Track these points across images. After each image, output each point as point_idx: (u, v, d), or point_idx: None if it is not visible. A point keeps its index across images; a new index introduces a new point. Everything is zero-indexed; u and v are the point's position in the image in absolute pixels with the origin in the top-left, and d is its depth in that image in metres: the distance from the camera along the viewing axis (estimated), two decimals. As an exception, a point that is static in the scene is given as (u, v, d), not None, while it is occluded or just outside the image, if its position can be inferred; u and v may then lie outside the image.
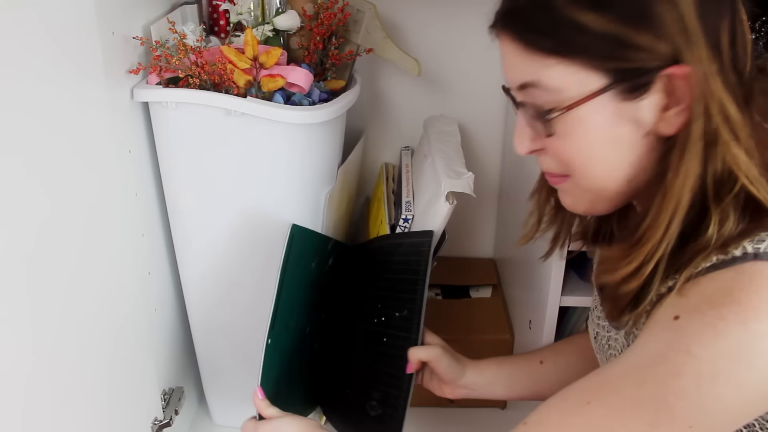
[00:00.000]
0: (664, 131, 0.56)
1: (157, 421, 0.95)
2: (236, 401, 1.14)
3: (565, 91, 0.56)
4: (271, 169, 0.92)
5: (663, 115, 0.55)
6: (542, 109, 0.58)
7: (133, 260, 0.90)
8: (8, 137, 0.58)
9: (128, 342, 0.87)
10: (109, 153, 0.81)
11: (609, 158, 0.58)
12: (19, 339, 0.61)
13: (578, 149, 0.58)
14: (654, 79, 0.54)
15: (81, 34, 0.73)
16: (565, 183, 0.63)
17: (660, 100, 0.55)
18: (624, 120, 0.56)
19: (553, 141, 0.59)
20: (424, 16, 1.21)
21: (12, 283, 0.59)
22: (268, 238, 0.97)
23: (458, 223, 0.92)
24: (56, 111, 0.67)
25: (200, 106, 0.87)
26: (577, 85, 0.55)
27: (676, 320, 0.54)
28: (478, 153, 1.32)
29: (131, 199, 0.89)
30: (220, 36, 1.09)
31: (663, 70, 0.53)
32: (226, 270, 1.00)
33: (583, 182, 0.60)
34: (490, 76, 1.25)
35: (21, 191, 0.61)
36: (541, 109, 0.58)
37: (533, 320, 1.04)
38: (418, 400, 1.20)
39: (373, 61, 1.17)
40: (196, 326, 1.07)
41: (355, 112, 0.98)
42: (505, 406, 1.21)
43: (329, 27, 0.99)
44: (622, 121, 0.56)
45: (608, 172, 0.59)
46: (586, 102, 0.55)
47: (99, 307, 0.78)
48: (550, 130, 0.58)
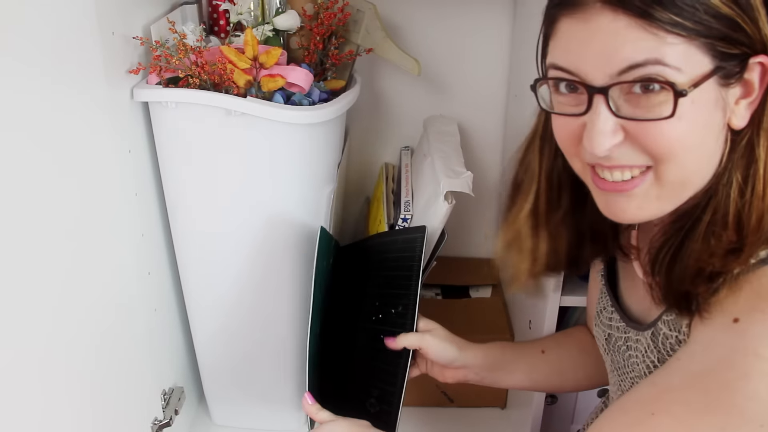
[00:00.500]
0: (735, 123, 0.56)
1: (157, 421, 0.95)
2: (236, 401, 1.14)
3: (684, 71, 0.53)
4: (270, 169, 0.92)
5: (735, 107, 0.56)
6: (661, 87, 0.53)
7: (133, 260, 0.90)
8: (8, 137, 0.58)
9: (128, 342, 0.87)
10: (109, 153, 0.81)
11: (705, 146, 0.57)
12: (18, 339, 0.61)
13: (685, 133, 0.55)
14: (746, 68, 0.54)
15: (81, 34, 0.73)
16: (642, 184, 0.58)
17: (739, 91, 0.56)
18: (718, 107, 0.55)
19: (647, 127, 0.55)
20: (424, 16, 1.21)
21: (12, 283, 0.59)
22: (268, 237, 0.97)
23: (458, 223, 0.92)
24: (56, 111, 0.67)
25: (200, 106, 0.87)
26: (693, 65, 0.53)
27: (737, 323, 0.54)
28: (478, 153, 1.32)
29: (131, 199, 0.89)
30: (220, 36, 1.09)
31: (754, 57, 0.54)
32: (226, 270, 1.00)
33: (673, 173, 0.57)
34: (490, 76, 1.25)
35: (21, 191, 0.61)
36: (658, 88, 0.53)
37: (533, 320, 1.04)
38: (418, 400, 1.21)
39: (373, 61, 1.17)
40: (196, 326, 1.07)
41: (355, 112, 0.98)
42: (505, 406, 1.21)
43: (329, 27, 0.99)
44: (717, 107, 0.55)
45: (701, 161, 0.57)
46: (702, 83, 0.53)
47: (99, 307, 0.78)
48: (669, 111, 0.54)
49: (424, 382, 1.19)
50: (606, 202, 0.62)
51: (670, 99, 0.53)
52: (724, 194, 0.57)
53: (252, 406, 1.15)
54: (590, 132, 0.57)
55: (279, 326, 1.05)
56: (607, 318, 0.77)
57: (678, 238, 0.60)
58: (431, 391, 1.20)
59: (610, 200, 0.61)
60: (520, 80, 1.17)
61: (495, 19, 1.21)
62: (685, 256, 0.59)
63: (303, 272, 1.03)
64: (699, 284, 0.58)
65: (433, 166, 1.02)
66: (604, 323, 0.77)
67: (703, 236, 0.58)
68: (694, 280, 0.58)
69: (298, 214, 0.97)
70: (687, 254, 0.59)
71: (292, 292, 1.03)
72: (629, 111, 0.55)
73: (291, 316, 1.05)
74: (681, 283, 0.59)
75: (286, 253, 0.99)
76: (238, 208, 0.95)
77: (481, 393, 1.20)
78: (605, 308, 0.77)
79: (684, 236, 0.60)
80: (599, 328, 0.79)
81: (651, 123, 0.55)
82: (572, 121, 0.59)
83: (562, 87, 0.59)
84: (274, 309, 1.04)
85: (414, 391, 1.20)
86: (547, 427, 1.07)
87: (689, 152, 0.56)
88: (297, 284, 1.03)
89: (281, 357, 1.09)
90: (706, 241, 0.58)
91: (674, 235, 0.60)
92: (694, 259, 0.58)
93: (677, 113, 0.53)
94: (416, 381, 1.18)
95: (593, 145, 0.56)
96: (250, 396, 1.14)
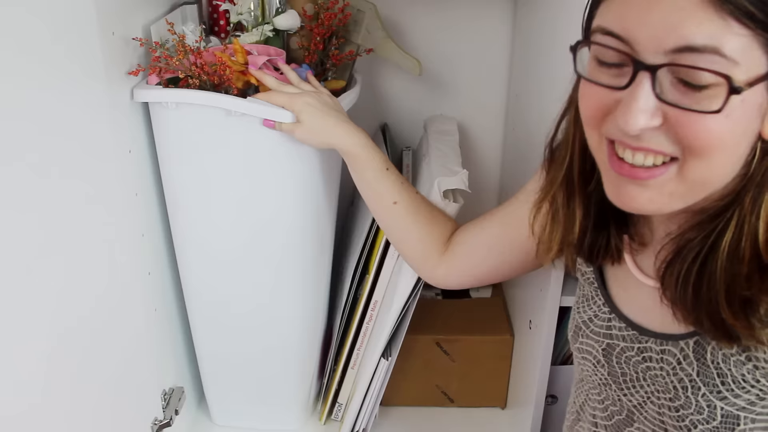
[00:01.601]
0: (767, 133, 0.53)
1: (157, 421, 0.96)
2: (236, 401, 1.14)
3: (742, 66, 0.49)
4: (270, 169, 0.92)
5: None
6: (713, 79, 0.50)
7: (133, 260, 0.90)
8: (9, 137, 0.58)
9: (128, 342, 0.87)
10: (109, 153, 0.81)
11: (738, 150, 0.53)
12: (18, 339, 0.61)
13: (727, 132, 0.51)
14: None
15: (81, 34, 0.73)
16: (660, 176, 0.55)
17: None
18: (760, 112, 0.52)
19: (691, 117, 0.51)
20: (425, 16, 1.21)
21: (12, 283, 0.59)
22: (268, 237, 0.97)
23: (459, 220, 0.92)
24: (56, 111, 0.68)
25: (200, 107, 0.87)
26: (751, 62, 0.49)
27: None
28: (478, 152, 1.32)
29: (131, 199, 0.89)
30: (220, 36, 1.09)
31: None
32: (226, 270, 1.00)
33: (699, 171, 0.54)
34: (491, 76, 1.25)
35: (21, 191, 0.61)
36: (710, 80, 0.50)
37: (533, 320, 1.04)
38: (418, 400, 1.21)
39: (373, 61, 1.17)
40: (196, 326, 1.07)
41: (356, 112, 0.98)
42: (505, 406, 1.21)
43: (329, 27, 0.99)
44: (759, 113, 0.52)
45: (729, 165, 0.54)
46: (757, 84, 0.50)
47: (99, 307, 0.78)
48: (718, 105, 0.50)
49: (424, 382, 1.20)
50: (616, 186, 0.58)
51: (722, 93, 0.49)
52: (754, 211, 0.54)
53: (252, 406, 1.15)
54: (627, 107, 0.52)
55: (279, 326, 1.06)
56: (602, 327, 0.71)
57: (698, 250, 0.57)
58: (431, 391, 1.21)
59: (622, 184, 0.57)
60: (521, 80, 1.17)
61: (495, 19, 1.21)
62: (713, 276, 0.56)
63: (303, 272, 1.03)
64: (737, 314, 0.55)
65: (430, 166, 1.02)
66: (598, 333, 0.71)
67: (729, 253, 0.55)
68: (731, 308, 0.55)
69: (298, 214, 0.97)
70: (715, 273, 0.56)
71: (292, 291, 1.03)
72: (675, 97, 0.51)
73: (291, 316, 1.05)
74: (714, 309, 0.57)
75: (285, 252, 0.99)
76: (238, 208, 0.95)
77: (481, 393, 1.20)
78: (597, 316, 0.72)
79: (708, 251, 0.57)
80: (589, 340, 0.73)
81: (695, 114, 0.51)
82: (606, 94, 0.55)
83: (605, 55, 0.54)
84: (274, 309, 1.04)
85: (414, 391, 1.20)
86: (547, 427, 1.06)
87: (723, 152, 0.53)
88: (297, 284, 1.03)
89: (281, 357, 1.09)
90: (732, 259, 0.55)
91: (695, 246, 0.58)
92: (724, 281, 0.55)
93: (726, 109, 0.50)
94: (416, 381, 1.19)
95: (627, 122, 0.52)
96: (250, 396, 1.14)
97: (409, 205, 0.90)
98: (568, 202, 0.68)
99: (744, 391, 0.59)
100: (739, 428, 0.60)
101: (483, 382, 1.19)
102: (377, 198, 0.91)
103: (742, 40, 0.49)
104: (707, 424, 0.61)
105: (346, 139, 0.89)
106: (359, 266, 1.06)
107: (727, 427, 0.60)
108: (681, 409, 0.62)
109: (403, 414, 1.20)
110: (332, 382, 1.14)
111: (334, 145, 0.89)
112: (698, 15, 0.48)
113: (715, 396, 0.60)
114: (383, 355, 1.05)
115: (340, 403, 1.15)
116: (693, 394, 0.61)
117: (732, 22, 0.48)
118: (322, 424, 1.18)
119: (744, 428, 0.59)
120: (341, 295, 1.11)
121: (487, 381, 1.19)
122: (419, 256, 0.91)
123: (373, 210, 0.94)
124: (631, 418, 0.69)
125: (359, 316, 1.06)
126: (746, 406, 0.59)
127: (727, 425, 0.60)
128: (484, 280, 0.90)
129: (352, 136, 0.89)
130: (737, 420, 0.59)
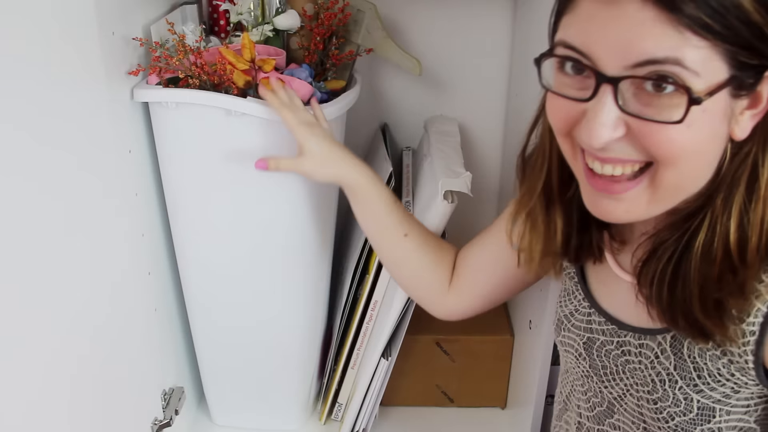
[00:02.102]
0: (737, 134, 0.54)
1: (157, 421, 0.96)
2: (236, 401, 1.14)
3: (702, 76, 0.50)
4: (271, 169, 0.92)
5: (739, 117, 0.54)
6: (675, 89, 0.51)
7: (133, 260, 0.90)
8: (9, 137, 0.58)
9: (128, 342, 0.87)
10: (109, 153, 0.81)
11: (707, 154, 0.55)
12: (18, 339, 0.61)
13: (691, 141, 0.52)
14: (761, 80, 0.52)
15: (81, 34, 0.73)
16: (634, 188, 0.56)
17: (746, 102, 0.54)
18: (725, 117, 0.53)
19: (653, 128, 0.52)
20: (425, 16, 1.21)
21: (12, 283, 0.59)
22: (268, 237, 0.97)
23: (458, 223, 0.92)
24: (56, 111, 0.68)
25: (200, 106, 0.87)
26: (711, 72, 0.50)
27: None
28: (478, 153, 1.32)
29: (131, 199, 0.89)
30: (220, 36, 1.09)
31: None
32: (226, 270, 1.00)
33: (670, 178, 0.55)
34: (491, 76, 1.25)
35: (21, 191, 0.61)
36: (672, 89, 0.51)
37: (533, 320, 1.04)
38: (418, 400, 1.21)
39: (373, 61, 1.17)
40: (196, 326, 1.07)
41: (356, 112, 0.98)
42: (505, 406, 1.21)
43: (329, 27, 0.99)
44: (725, 117, 0.53)
45: (700, 169, 0.55)
46: (717, 92, 0.51)
47: (99, 307, 0.78)
48: (679, 116, 0.51)
49: (425, 382, 1.20)
50: (593, 200, 0.59)
51: (683, 104, 0.50)
52: (725, 212, 0.56)
53: (252, 406, 1.15)
54: (590, 122, 0.54)
55: (279, 326, 1.06)
56: (583, 321, 0.72)
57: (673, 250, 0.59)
58: (431, 391, 1.21)
59: (598, 199, 0.59)
60: (520, 80, 1.17)
61: (495, 19, 1.21)
62: (687, 276, 0.58)
63: (303, 272, 1.03)
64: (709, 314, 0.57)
65: (432, 166, 1.02)
66: (579, 327, 0.73)
67: (702, 254, 0.57)
68: (704, 308, 0.57)
69: (298, 214, 0.97)
70: (689, 273, 0.57)
71: (292, 291, 1.03)
72: (637, 108, 0.52)
73: (291, 316, 1.05)
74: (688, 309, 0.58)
75: (285, 252, 0.99)
76: (238, 207, 0.95)
77: (481, 393, 1.20)
78: (577, 310, 0.73)
79: (682, 251, 0.58)
80: (570, 333, 0.74)
81: (657, 125, 0.52)
82: (572, 106, 0.56)
83: (567, 67, 0.55)
84: (274, 309, 1.04)
85: (414, 391, 1.20)
86: (547, 427, 1.07)
87: (691, 160, 0.54)
88: (297, 283, 1.03)
89: (281, 357, 1.09)
90: (705, 259, 0.57)
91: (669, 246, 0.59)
92: (697, 282, 0.57)
93: (687, 119, 0.51)
94: (416, 381, 1.19)
95: (591, 136, 0.53)
96: (250, 396, 1.14)
97: (418, 236, 0.89)
98: (548, 212, 0.69)
99: (719, 385, 0.61)
100: (715, 419, 0.62)
101: (483, 382, 1.19)
102: (387, 233, 0.89)
103: (701, 51, 0.50)
104: (684, 416, 0.63)
105: (354, 172, 0.86)
106: (359, 266, 1.06)
107: (704, 418, 0.62)
108: (659, 401, 0.64)
109: (403, 414, 1.20)
110: (332, 382, 1.14)
111: (342, 177, 0.87)
112: (657, 31, 0.49)
113: (692, 389, 0.62)
114: (383, 355, 1.05)
115: (340, 403, 1.15)
116: (670, 387, 0.63)
117: (690, 35, 0.49)
118: (322, 424, 1.18)
119: (719, 419, 0.62)
120: (341, 295, 1.11)
121: (487, 381, 1.19)
122: (431, 286, 0.89)
123: (380, 246, 0.91)
124: (611, 409, 0.71)
125: (359, 316, 1.06)
126: (721, 398, 0.61)
127: (704, 417, 0.62)
128: (495, 299, 0.88)
129: (361, 168, 0.87)
130: (713, 412, 0.62)
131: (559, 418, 0.82)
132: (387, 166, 1.05)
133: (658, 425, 0.65)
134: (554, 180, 0.67)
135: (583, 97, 0.54)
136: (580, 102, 0.55)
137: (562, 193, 0.68)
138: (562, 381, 0.80)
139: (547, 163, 0.67)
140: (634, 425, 0.69)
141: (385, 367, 1.06)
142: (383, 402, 1.13)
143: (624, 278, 0.68)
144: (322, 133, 0.86)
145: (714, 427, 0.62)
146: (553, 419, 0.85)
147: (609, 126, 0.53)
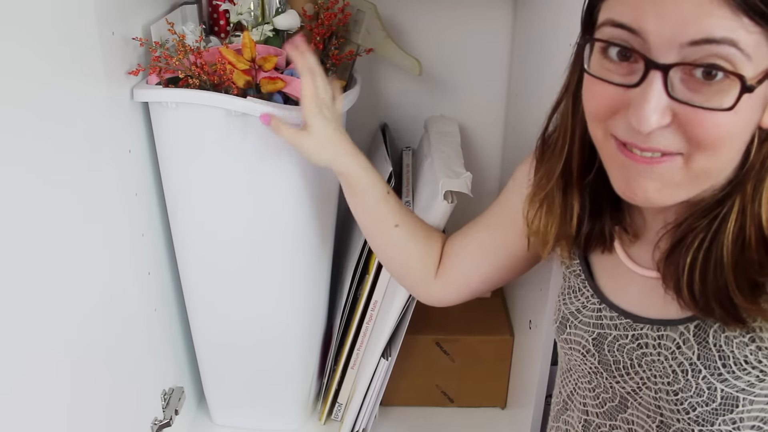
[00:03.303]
0: (765, 122, 0.54)
1: (157, 421, 0.96)
2: (236, 401, 1.14)
3: (754, 61, 0.50)
4: (270, 169, 0.92)
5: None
6: (725, 76, 0.50)
7: (133, 260, 0.90)
8: (9, 137, 0.58)
9: (128, 342, 0.87)
10: (109, 153, 0.81)
11: (741, 142, 0.54)
12: (18, 339, 0.61)
13: (736, 127, 0.52)
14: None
15: (81, 34, 0.73)
16: (668, 163, 0.55)
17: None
18: (762, 104, 0.53)
19: (701, 115, 0.51)
20: (425, 16, 1.21)
21: (12, 283, 0.59)
22: (268, 237, 0.97)
23: (458, 223, 0.92)
24: (56, 111, 0.68)
25: (200, 106, 0.87)
26: (761, 58, 0.50)
27: None
28: (478, 153, 1.32)
29: (131, 199, 0.89)
30: (220, 36, 1.09)
31: None
32: (226, 270, 1.00)
33: (704, 163, 0.54)
34: (491, 76, 1.25)
35: (21, 191, 0.61)
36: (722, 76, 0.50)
37: (533, 320, 1.04)
38: (418, 400, 1.21)
39: (373, 61, 1.17)
40: (196, 326, 1.07)
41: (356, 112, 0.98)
42: (505, 406, 1.21)
43: (329, 27, 0.99)
44: (761, 106, 0.53)
45: (732, 156, 0.55)
46: (766, 79, 0.51)
47: (99, 307, 0.78)
48: (730, 103, 0.50)
49: (424, 382, 1.20)
50: (626, 178, 0.58)
51: (732, 90, 0.50)
52: (756, 198, 0.55)
53: (252, 406, 1.15)
54: (640, 107, 0.52)
55: (279, 326, 1.06)
56: (592, 317, 0.71)
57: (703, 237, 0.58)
58: (431, 391, 1.21)
59: (632, 176, 0.57)
60: (521, 80, 1.17)
61: (495, 19, 1.21)
62: (720, 262, 0.57)
63: (303, 271, 1.03)
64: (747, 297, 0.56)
65: (432, 166, 1.02)
66: (588, 323, 0.72)
67: (734, 240, 0.56)
68: (741, 292, 0.56)
69: (298, 214, 0.97)
70: (722, 259, 0.57)
71: (292, 291, 1.03)
72: (686, 94, 0.51)
73: (291, 316, 1.05)
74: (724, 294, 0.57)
75: (285, 252, 0.99)
76: (238, 207, 0.95)
77: (481, 393, 1.20)
78: (585, 306, 0.72)
79: (712, 237, 0.57)
80: (578, 330, 0.73)
81: (705, 112, 0.51)
82: (614, 91, 0.54)
83: (612, 53, 0.54)
84: (274, 309, 1.04)
85: (414, 391, 1.20)
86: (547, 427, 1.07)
87: (728, 145, 0.53)
88: (297, 283, 1.03)
89: (281, 357, 1.09)
90: (738, 244, 0.56)
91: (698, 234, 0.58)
92: (731, 266, 0.56)
93: (736, 106, 0.50)
94: (416, 381, 1.19)
95: (641, 122, 0.52)
96: (250, 396, 1.14)
97: (408, 226, 0.89)
98: (565, 195, 0.68)
99: (745, 373, 0.60)
100: (738, 409, 0.61)
101: (483, 382, 1.19)
102: (378, 222, 0.89)
103: (754, 37, 0.49)
104: (706, 406, 0.62)
105: (349, 159, 0.86)
106: (359, 266, 1.06)
107: (726, 408, 0.61)
108: (680, 392, 0.63)
109: (403, 414, 1.20)
110: (332, 382, 1.14)
111: (337, 164, 0.86)
112: (716, 12, 0.49)
113: (716, 378, 0.61)
114: (383, 355, 1.05)
115: (340, 403, 1.15)
116: (693, 377, 0.62)
117: (745, 19, 0.49)
118: (322, 424, 1.18)
119: (742, 409, 0.61)
120: (341, 295, 1.11)
121: (487, 381, 1.19)
122: (420, 275, 0.90)
123: (371, 235, 0.91)
124: (624, 404, 0.70)
125: (359, 316, 1.06)
126: (746, 387, 0.60)
127: (726, 407, 0.61)
128: (481, 288, 0.88)
129: (358, 156, 0.87)
130: (736, 401, 0.61)
131: (557, 419, 0.81)
132: (387, 166, 1.05)
133: (678, 417, 0.64)
134: (575, 163, 0.66)
135: (630, 82, 0.53)
136: (625, 88, 0.54)
137: (581, 177, 0.67)
138: (563, 381, 0.80)
139: (568, 145, 0.66)
140: (649, 419, 0.68)
141: (385, 367, 1.06)
142: (383, 402, 1.13)
143: (637, 272, 0.67)
144: (330, 116, 0.85)
145: (735, 417, 0.61)
146: (550, 420, 0.84)
147: (658, 112, 0.52)
